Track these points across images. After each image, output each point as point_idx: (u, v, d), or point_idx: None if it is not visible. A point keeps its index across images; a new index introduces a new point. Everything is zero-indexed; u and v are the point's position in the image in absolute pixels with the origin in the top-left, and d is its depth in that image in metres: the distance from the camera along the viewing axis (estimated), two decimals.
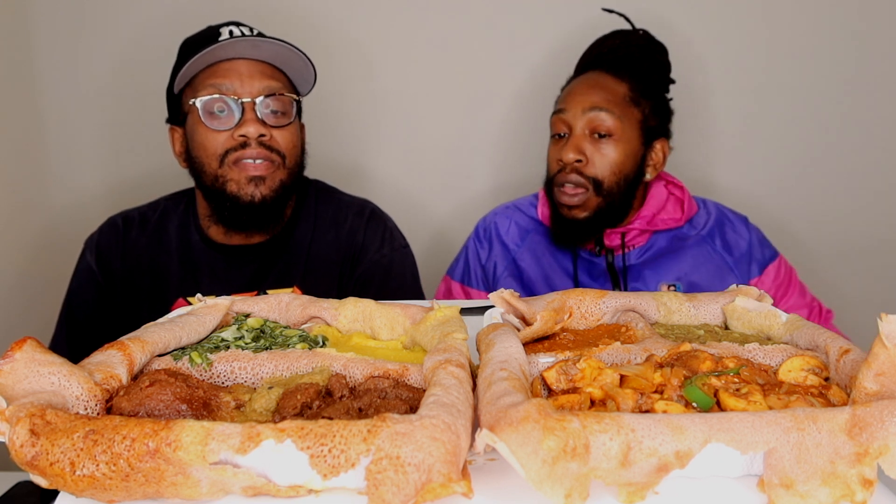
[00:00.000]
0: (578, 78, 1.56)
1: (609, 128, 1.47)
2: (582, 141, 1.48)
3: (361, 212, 1.55)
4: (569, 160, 1.48)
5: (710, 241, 1.57)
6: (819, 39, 1.98)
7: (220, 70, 1.36)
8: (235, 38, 1.34)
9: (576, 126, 1.48)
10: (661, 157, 1.55)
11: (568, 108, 1.50)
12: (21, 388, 0.54)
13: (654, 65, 1.59)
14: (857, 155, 2.03)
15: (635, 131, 1.50)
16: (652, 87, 1.55)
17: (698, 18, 1.98)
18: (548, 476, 0.47)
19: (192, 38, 1.44)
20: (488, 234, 1.67)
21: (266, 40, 1.35)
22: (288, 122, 1.39)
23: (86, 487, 0.48)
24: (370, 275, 1.50)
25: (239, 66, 1.36)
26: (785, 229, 2.04)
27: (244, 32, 1.37)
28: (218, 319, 0.78)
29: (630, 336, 0.78)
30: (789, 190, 2.06)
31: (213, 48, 1.33)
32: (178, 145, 1.45)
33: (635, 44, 1.58)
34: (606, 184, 1.48)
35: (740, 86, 2.01)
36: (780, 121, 2.03)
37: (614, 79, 1.51)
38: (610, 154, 1.47)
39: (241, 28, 1.38)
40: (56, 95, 2.01)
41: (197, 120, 1.35)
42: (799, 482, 0.49)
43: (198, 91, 1.36)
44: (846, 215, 2.06)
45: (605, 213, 1.50)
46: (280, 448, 0.48)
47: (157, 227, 1.51)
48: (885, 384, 0.54)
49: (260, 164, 1.35)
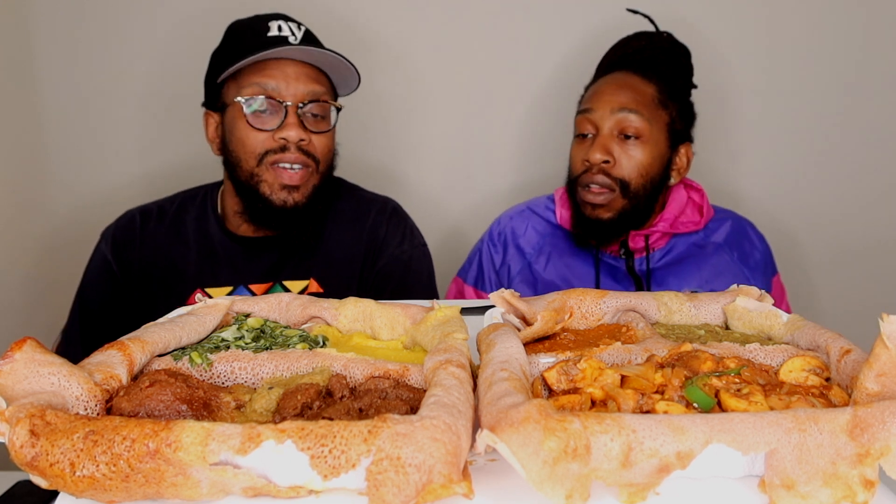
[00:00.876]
0: (605, 77, 1.54)
1: (638, 129, 1.45)
2: (609, 141, 1.46)
3: (384, 208, 1.57)
4: (596, 160, 1.45)
5: (728, 251, 1.56)
6: (847, 41, 1.98)
7: (267, 69, 1.36)
8: (282, 40, 1.34)
9: (603, 126, 1.46)
10: (685, 161, 1.54)
11: (595, 107, 1.48)
12: (21, 389, 0.54)
13: (679, 68, 1.57)
14: (869, 155, 2.03)
15: (663, 134, 1.48)
16: (678, 91, 1.53)
17: (719, 20, 1.97)
18: (549, 477, 0.47)
19: (239, 25, 1.44)
20: (503, 238, 1.65)
21: (317, 50, 1.36)
22: (328, 128, 1.41)
23: (86, 488, 0.48)
24: (390, 269, 1.51)
25: (286, 68, 1.37)
26: (794, 231, 2.04)
27: (292, 29, 1.38)
28: (218, 319, 0.78)
29: (631, 336, 0.78)
30: (798, 192, 2.06)
31: (265, 53, 1.33)
32: (211, 130, 1.46)
33: (660, 46, 1.56)
34: (633, 186, 1.46)
35: (762, 89, 2.00)
36: (804, 124, 2.02)
37: (642, 80, 1.49)
38: (637, 156, 1.45)
39: (289, 24, 1.39)
40: (56, 95, 2.00)
41: (238, 115, 1.37)
42: (800, 483, 0.49)
43: (242, 87, 1.36)
44: (847, 216, 2.06)
45: (629, 215, 1.48)
46: (280, 449, 0.47)
47: (175, 218, 1.51)
48: (886, 385, 0.54)
49: (296, 174, 1.37)
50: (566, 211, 1.59)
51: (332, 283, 1.47)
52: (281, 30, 1.37)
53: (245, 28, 1.42)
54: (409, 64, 2.02)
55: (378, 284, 1.50)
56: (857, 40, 1.98)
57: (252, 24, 1.41)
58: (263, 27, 1.38)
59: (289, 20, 1.41)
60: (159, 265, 1.46)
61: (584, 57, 1.75)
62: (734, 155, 2.06)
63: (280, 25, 1.38)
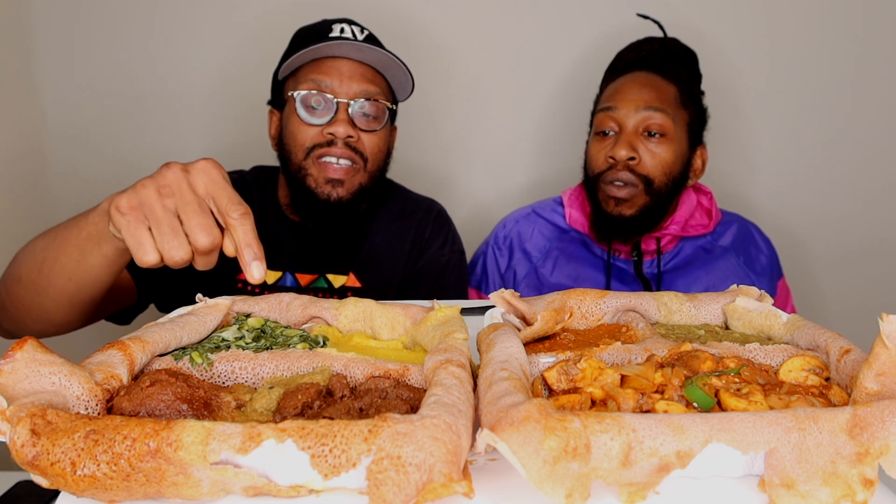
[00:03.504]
0: (627, 76, 1.54)
1: (662, 126, 1.45)
2: (634, 138, 1.46)
3: (430, 209, 1.61)
4: (622, 157, 1.45)
5: (734, 255, 1.56)
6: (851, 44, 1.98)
7: (324, 66, 1.39)
8: (342, 40, 1.37)
9: (627, 124, 1.46)
10: (700, 164, 1.55)
11: (619, 105, 1.48)
12: (22, 388, 0.54)
13: (692, 71, 1.58)
14: (873, 156, 2.03)
15: (684, 133, 1.49)
16: (693, 93, 1.54)
17: (724, 26, 1.97)
18: (549, 476, 0.47)
19: (305, 29, 1.49)
20: (508, 242, 1.65)
21: (370, 47, 1.38)
22: (378, 127, 1.42)
23: (86, 487, 0.48)
24: (429, 269, 1.55)
25: (341, 66, 1.39)
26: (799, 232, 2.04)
27: (355, 32, 1.41)
28: (219, 319, 0.78)
29: (631, 336, 0.78)
30: (803, 194, 2.06)
31: (319, 46, 1.36)
32: (273, 128, 1.50)
33: (673, 49, 1.57)
34: (657, 183, 1.46)
35: (766, 92, 2.00)
36: (809, 126, 2.02)
37: (664, 80, 1.50)
38: (662, 153, 1.46)
39: (352, 27, 1.42)
40: (56, 96, 2.01)
41: (292, 110, 1.40)
42: (800, 482, 0.49)
43: (299, 83, 1.40)
44: (852, 217, 2.06)
45: (650, 212, 1.49)
46: (281, 448, 0.47)
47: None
48: (885, 384, 0.54)
49: (340, 168, 1.39)
50: (577, 211, 1.59)
51: (371, 280, 1.51)
52: (343, 31, 1.40)
53: (310, 30, 1.46)
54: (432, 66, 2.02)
55: (415, 282, 1.54)
56: (861, 43, 1.98)
57: (318, 26, 1.46)
58: (327, 29, 1.42)
59: (353, 24, 1.44)
60: None
61: (598, 57, 1.75)
62: (739, 158, 2.06)
63: (343, 28, 1.41)
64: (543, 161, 2.07)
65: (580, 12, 1.99)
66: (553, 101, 2.04)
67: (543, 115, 2.06)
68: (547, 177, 2.07)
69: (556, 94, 2.04)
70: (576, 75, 2.00)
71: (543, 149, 2.07)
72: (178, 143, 2.01)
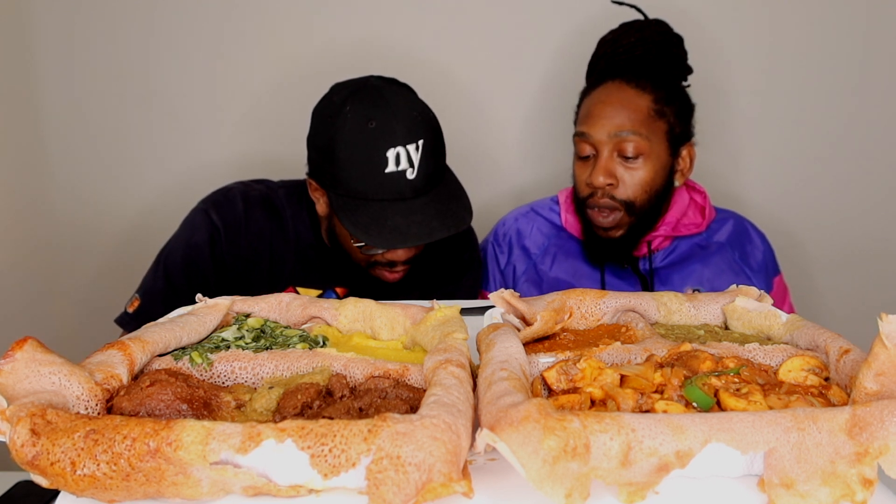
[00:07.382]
0: (597, 93, 1.50)
1: (637, 148, 1.43)
2: (611, 164, 1.45)
3: (468, 232, 1.61)
4: (599, 184, 1.45)
5: (729, 250, 1.56)
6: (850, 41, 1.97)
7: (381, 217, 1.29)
8: (398, 184, 1.24)
9: (602, 150, 1.45)
10: (687, 162, 1.53)
11: (591, 132, 1.46)
12: (22, 388, 0.54)
13: (673, 60, 1.55)
14: (871, 155, 2.02)
15: (663, 144, 1.47)
16: (674, 90, 1.51)
17: (719, 19, 1.96)
18: (548, 476, 0.47)
19: (352, 135, 1.26)
20: (508, 239, 1.65)
21: (432, 203, 1.28)
22: None
23: (86, 487, 0.48)
24: (449, 270, 1.56)
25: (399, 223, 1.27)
26: (796, 232, 2.04)
27: (410, 157, 1.25)
28: (218, 319, 0.78)
29: (630, 336, 0.78)
30: (800, 194, 2.06)
31: (374, 207, 1.25)
32: (321, 206, 1.39)
33: (651, 40, 1.53)
34: (638, 203, 1.46)
35: (763, 89, 1.99)
36: (806, 124, 2.01)
37: (636, 91, 1.47)
38: (640, 174, 1.45)
39: (406, 149, 1.25)
40: (56, 96, 2.00)
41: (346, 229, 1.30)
42: (799, 482, 0.49)
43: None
44: (849, 216, 2.06)
45: (638, 227, 1.50)
46: (281, 448, 0.48)
47: (278, 212, 1.49)
48: (885, 384, 0.54)
49: (392, 275, 1.40)
50: (572, 217, 1.59)
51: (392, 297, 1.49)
52: (399, 162, 1.24)
53: (362, 146, 1.25)
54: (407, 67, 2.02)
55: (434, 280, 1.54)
56: (860, 40, 1.98)
57: (369, 143, 1.24)
58: (381, 158, 1.24)
59: (406, 142, 1.25)
60: (263, 255, 1.45)
61: (580, 48, 1.74)
62: (735, 156, 2.06)
63: (398, 155, 1.24)
64: (530, 163, 2.07)
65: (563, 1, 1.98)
66: (541, 96, 2.03)
67: (530, 114, 2.05)
68: (542, 176, 2.07)
69: (543, 88, 2.02)
70: (562, 67, 1.98)
71: (532, 150, 2.06)
72: (179, 143, 2.01)
